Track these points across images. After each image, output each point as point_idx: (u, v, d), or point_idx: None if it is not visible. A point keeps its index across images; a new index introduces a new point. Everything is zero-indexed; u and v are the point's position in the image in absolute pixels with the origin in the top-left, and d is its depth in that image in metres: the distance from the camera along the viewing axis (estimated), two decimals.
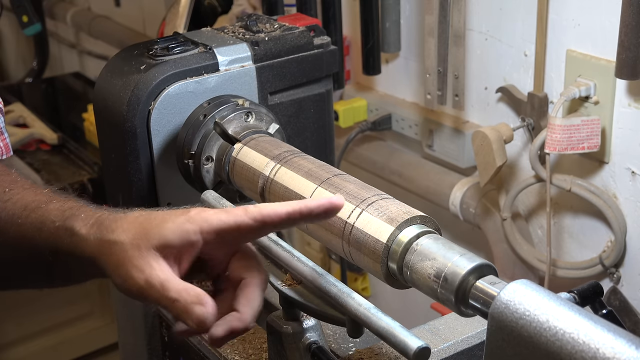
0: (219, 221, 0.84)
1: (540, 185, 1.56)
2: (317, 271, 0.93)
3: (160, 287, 0.83)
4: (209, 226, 0.84)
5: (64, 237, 0.91)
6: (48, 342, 2.41)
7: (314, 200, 0.84)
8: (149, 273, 0.84)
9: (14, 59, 3.78)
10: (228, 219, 0.83)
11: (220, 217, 0.84)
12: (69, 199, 0.97)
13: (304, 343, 0.98)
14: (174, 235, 0.84)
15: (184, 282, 0.84)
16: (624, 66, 1.29)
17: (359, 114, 1.90)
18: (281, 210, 0.83)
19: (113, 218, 0.89)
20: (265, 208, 0.84)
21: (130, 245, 0.85)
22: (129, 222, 0.88)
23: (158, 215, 0.87)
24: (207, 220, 0.84)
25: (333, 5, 1.70)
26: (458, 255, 0.83)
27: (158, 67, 1.17)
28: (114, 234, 0.87)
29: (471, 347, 1.05)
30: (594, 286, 0.85)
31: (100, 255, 0.88)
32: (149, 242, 0.84)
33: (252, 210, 0.83)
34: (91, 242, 0.88)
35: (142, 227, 0.86)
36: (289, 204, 0.84)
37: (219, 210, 0.85)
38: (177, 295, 0.82)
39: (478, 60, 1.65)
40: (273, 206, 0.84)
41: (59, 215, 0.93)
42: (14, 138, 2.37)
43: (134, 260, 0.85)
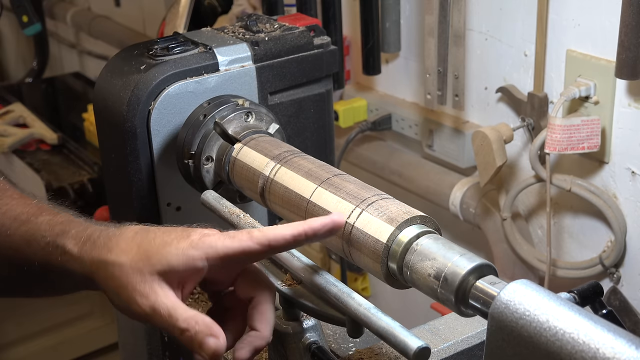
0: (224, 247, 0.83)
1: (540, 185, 1.56)
2: (317, 271, 0.93)
3: (167, 316, 0.82)
4: (215, 252, 0.83)
5: (55, 254, 0.90)
6: (48, 342, 2.41)
7: (317, 221, 0.84)
8: (154, 300, 0.83)
9: (14, 59, 3.78)
10: (233, 244, 0.83)
11: (225, 243, 0.83)
12: (58, 212, 0.95)
13: (304, 343, 0.98)
14: (179, 262, 0.83)
15: (191, 310, 0.83)
16: (624, 66, 1.29)
17: (359, 114, 1.90)
18: (286, 234, 0.83)
19: (107, 236, 0.88)
20: (270, 232, 0.84)
21: (131, 268, 0.84)
22: (126, 241, 0.86)
23: (157, 236, 0.86)
24: (213, 247, 0.83)
25: (333, 5, 1.70)
26: (458, 255, 0.83)
27: (158, 67, 1.17)
28: (111, 254, 0.85)
29: (471, 347, 1.05)
30: (594, 286, 0.85)
31: (96, 275, 0.87)
32: (152, 267, 0.83)
33: (257, 235, 0.83)
34: (85, 261, 0.87)
35: (142, 249, 0.85)
36: (293, 226, 0.84)
37: (223, 235, 0.84)
38: (186, 324, 0.82)
39: (478, 60, 1.65)
40: (278, 229, 0.84)
41: (48, 230, 0.91)
42: (14, 138, 2.37)
43: (137, 285, 0.84)
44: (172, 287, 0.85)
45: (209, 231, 0.86)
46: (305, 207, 0.99)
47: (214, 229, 0.87)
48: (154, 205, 1.22)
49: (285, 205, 1.03)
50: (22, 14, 2.69)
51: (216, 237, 0.84)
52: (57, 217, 0.94)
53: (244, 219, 1.05)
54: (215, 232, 0.85)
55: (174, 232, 0.86)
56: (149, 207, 1.22)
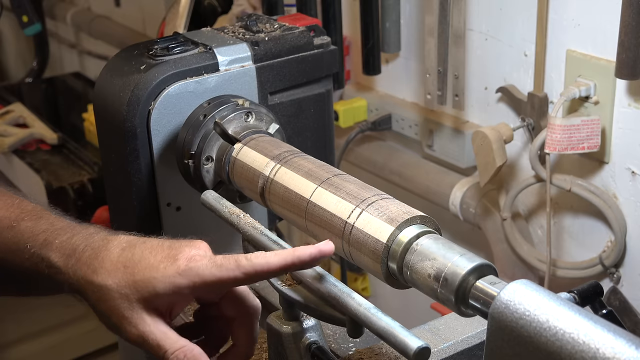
0: (211, 275, 0.83)
1: (540, 185, 1.56)
2: (317, 271, 0.93)
3: (156, 347, 0.84)
4: (201, 281, 0.84)
5: (41, 266, 0.90)
6: (48, 342, 2.41)
7: (306, 252, 0.84)
8: (142, 330, 0.84)
9: (14, 59, 3.78)
10: (220, 273, 0.83)
11: (212, 272, 0.83)
12: (40, 217, 0.95)
13: (304, 343, 0.98)
14: (165, 290, 0.84)
15: (179, 341, 0.84)
16: (624, 66, 1.29)
17: (359, 114, 1.89)
18: (273, 264, 0.84)
19: (92, 250, 0.87)
20: (257, 261, 0.84)
21: (118, 293, 0.84)
22: (111, 261, 0.86)
23: (144, 257, 0.86)
24: (199, 275, 0.83)
25: (333, 5, 1.70)
26: (458, 255, 0.83)
27: (158, 67, 1.17)
28: (97, 276, 0.85)
29: (471, 347, 1.05)
30: (594, 286, 0.85)
31: (84, 294, 0.87)
32: (139, 293, 0.84)
33: (245, 265, 0.83)
34: (71, 277, 0.87)
35: (128, 272, 0.85)
36: (281, 257, 0.84)
37: (210, 263, 0.84)
38: (175, 357, 0.83)
39: (478, 60, 1.65)
40: (265, 259, 0.84)
41: (32, 239, 0.91)
42: (14, 138, 2.37)
43: (125, 312, 0.84)
44: (159, 312, 0.85)
45: (195, 252, 0.85)
46: (305, 207, 0.99)
47: (201, 246, 0.87)
48: (154, 205, 1.22)
49: (285, 205, 1.03)
50: (22, 14, 2.69)
51: (203, 264, 0.84)
52: (39, 224, 0.93)
53: (244, 219, 1.05)
54: (202, 256, 0.85)
55: (160, 251, 0.86)
56: (149, 207, 1.22)
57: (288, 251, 0.85)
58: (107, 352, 2.44)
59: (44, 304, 2.35)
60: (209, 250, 0.87)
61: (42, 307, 2.36)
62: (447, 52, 1.62)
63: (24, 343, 2.39)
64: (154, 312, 0.85)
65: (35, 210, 0.96)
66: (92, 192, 2.16)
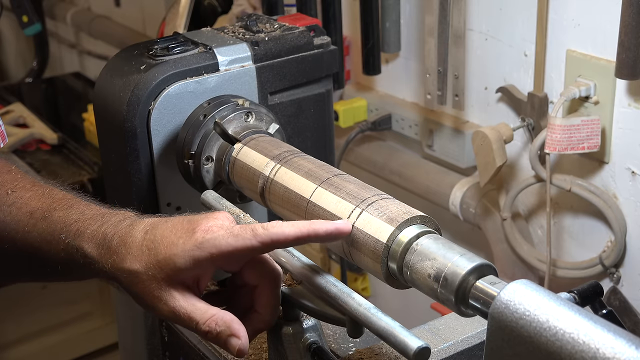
0: (227, 246, 0.86)
1: (540, 185, 1.56)
2: (317, 271, 0.93)
3: (188, 319, 0.87)
4: (219, 252, 0.86)
5: (76, 256, 0.93)
6: (48, 342, 2.41)
7: (322, 224, 0.87)
8: (172, 305, 0.87)
9: (14, 59, 3.78)
10: (237, 243, 0.86)
11: (229, 242, 0.85)
12: (71, 206, 0.97)
13: (304, 343, 0.98)
14: (186, 265, 0.86)
15: (210, 310, 0.87)
16: (624, 66, 1.29)
17: (359, 114, 1.89)
18: (290, 234, 0.86)
19: (119, 241, 0.90)
20: (274, 231, 0.86)
21: (146, 275, 0.87)
22: (137, 246, 0.89)
23: (164, 236, 0.88)
24: (216, 246, 0.85)
25: (333, 5, 1.70)
26: (458, 255, 0.83)
27: (158, 67, 1.17)
28: (126, 263, 0.88)
29: (471, 347, 1.05)
30: (594, 286, 0.85)
31: (118, 281, 0.91)
32: (163, 272, 0.87)
33: (261, 234, 0.85)
34: (105, 266, 0.90)
35: (152, 253, 0.87)
36: (298, 227, 0.86)
37: (227, 232, 0.86)
38: (207, 327, 0.86)
39: (478, 60, 1.65)
40: (282, 229, 0.86)
41: (65, 229, 0.94)
42: (14, 138, 2.37)
43: (155, 292, 0.87)
44: (187, 286, 0.88)
45: (213, 223, 0.87)
46: (305, 207, 0.99)
47: (219, 216, 0.89)
48: (154, 205, 1.22)
49: (285, 205, 1.03)
50: (22, 14, 2.69)
51: (220, 235, 0.86)
52: (71, 213, 0.96)
53: (244, 219, 1.05)
54: (219, 227, 0.87)
55: (180, 227, 0.88)
56: (149, 207, 1.22)
57: (305, 223, 0.87)
58: (107, 352, 2.44)
59: (44, 304, 2.35)
60: (227, 219, 0.89)
61: (42, 307, 2.36)
62: (447, 52, 1.62)
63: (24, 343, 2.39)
64: (181, 286, 0.87)
65: (65, 199, 0.99)
66: (92, 192, 2.16)
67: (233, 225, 0.88)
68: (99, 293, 2.42)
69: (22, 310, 2.34)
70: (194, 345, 1.18)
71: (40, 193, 1.00)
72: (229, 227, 0.87)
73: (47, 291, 2.34)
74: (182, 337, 1.20)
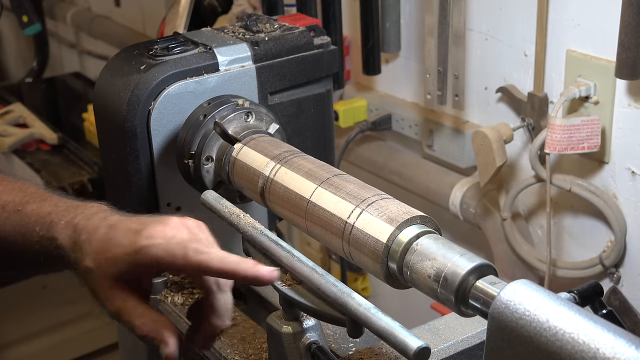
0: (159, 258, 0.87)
1: (540, 185, 1.56)
2: (317, 271, 0.93)
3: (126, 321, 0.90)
4: (152, 261, 0.87)
5: (50, 248, 0.94)
6: (48, 342, 2.41)
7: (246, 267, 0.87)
8: (117, 305, 0.90)
9: (14, 59, 3.78)
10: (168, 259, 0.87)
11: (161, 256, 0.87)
12: (44, 199, 0.99)
13: (304, 343, 0.98)
14: (125, 267, 0.88)
15: (145, 313, 0.90)
16: (624, 66, 1.29)
17: (359, 114, 1.89)
18: (214, 266, 0.87)
19: (87, 237, 0.91)
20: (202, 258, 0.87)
21: (97, 274, 0.90)
22: (96, 243, 0.90)
23: (115, 236, 0.90)
24: (151, 255, 0.87)
25: (333, 5, 1.70)
26: (458, 255, 0.83)
27: (158, 67, 1.17)
28: (84, 260, 0.91)
29: (471, 347, 1.05)
30: (594, 286, 0.85)
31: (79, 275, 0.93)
32: (109, 271, 0.89)
33: (191, 257, 0.87)
34: (73, 258, 0.92)
35: (103, 253, 0.89)
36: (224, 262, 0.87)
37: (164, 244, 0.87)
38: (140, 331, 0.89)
39: (478, 60, 1.65)
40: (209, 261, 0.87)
41: (39, 222, 0.95)
42: (14, 138, 2.37)
43: (105, 291, 0.91)
44: (132, 287, 0.90)
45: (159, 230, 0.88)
46: (305, 207, 0.99)
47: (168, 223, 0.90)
48: (154, 205, 1.22)
49: (285, 205, 1.03)
50: (22, 14, 2.69)
51: (157, 244, 0.87)
52: (44, 206, 0.97)
53: (244, 219, 1.05)
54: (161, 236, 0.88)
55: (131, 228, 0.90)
56: (149, 207, 1.22)
57: (233, 261, 0.88)
58: (107, 352, 2.44)
59: (44, 304, 2.35)
60: (176, 227, 0.90)
61: (42, 307, 2.36)
62: (447, 52, 1.62)
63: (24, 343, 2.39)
64: (126, 287, 0.90)
65: (38, 193, 1.00)
66: (92, 192, 2.16)
67: (174, 236, 0.88)
68: None
69: (22, 310, 2.34)
70: None
71: (11, 187, 1.01)
72: (171, 237, 0.88)
73: (47, 291, 2.34)
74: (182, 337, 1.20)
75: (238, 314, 1.21)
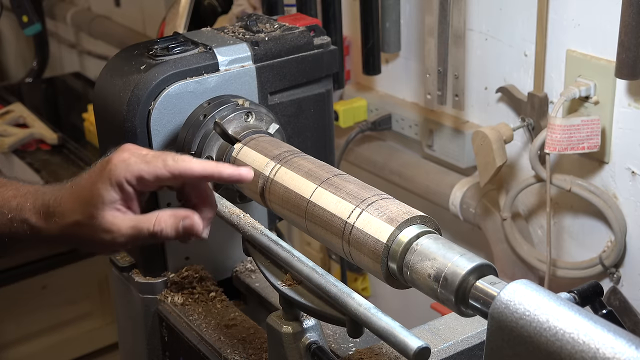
0: (139, 170, 0.95)
1: (540, 185, 1.56)
2: (317, 271, 0.93)
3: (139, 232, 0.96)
4: (131, 175, 0.95)
5: (21, 229, 0.99)
6: (48, 342, 2.41)
7: (228, 168, 0.97)
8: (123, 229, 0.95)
9: (14, 59, 3.78)
10: (148, 169, 0.95)
11: (141, 167, 0.95)
12: (3, 185, 1.03)
13: (304, 343, 0.98)
14: (108, 192, 0.95)
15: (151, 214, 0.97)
16: (624, 66, 1.29)
17: (359, 114, 1.89)
18: (195, 169, 0.96)
19: (55, 203, 0.97)
20: (182, 164, 0.95)
21: (87, 220, 0.96)
22: (69, 200, 0.96)
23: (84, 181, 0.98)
24: (129, 171, 0.95)
25: (333, 5, 1.70)
26: (458, 255, 0.83)
27: (158, 67, 1.17)
28: (66, 218, 0.96)
29: (471, 347, 1.05)
30: (594, 286, 0.85)
31: (69, 239, 0.99)
32: (97, 209, 0.95)
33: (171, 165, 0.95)
34: (52, 231, 0.97)
35: (81, 198, 0.96)
36: (204, 165, 0.96)
37: (139, 160, 0.95)
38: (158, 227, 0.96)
39: (478, 60, 1.65)
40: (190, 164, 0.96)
41: (5, 205, 1.00)
42: (14, 138, 2.37)
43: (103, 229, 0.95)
44: (123, 210, 0.97)
45: (125, 155, 0.96)
46: (305, 207, 0.99)
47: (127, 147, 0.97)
48: (154, 205, 1.22)
49: (285, 205, 1.03)
50: (22, 14, 2.69)
51: (132, 161, 0.95)
52: (6, 191, 1.02)
53: (244, 219, 1.05)
54: (130, 156, 0.96)
55: (94, 169, 0.98)
56: (149, 207, 1.21)
57: (212, 163, 0.98)
58: (107, 352, 2.44)
59: (44, 304, 2.35)
60: (137, 149, 0.97)
61: (42, 307, 2.36)
62: (447, 52, 1.62)
63: (24, 343, 2.39)
64: (119, 213, 0.96)
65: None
66: None
67: (146, 153, 0.96)
68: (99, 293, 2.42)
69: (22, 310, 2.34)
70: (194, 345, 1.18)
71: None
72: (140, 154, 0.96)
73: (47, 291, 2.34)
74: (182, 337, 1.20)
75: (238, 314, 1.22)
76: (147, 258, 1.27)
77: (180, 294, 1.25)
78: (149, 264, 1.27)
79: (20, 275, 2.26)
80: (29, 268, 2.25)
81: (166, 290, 1.27)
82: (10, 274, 2.24)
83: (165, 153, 0.97)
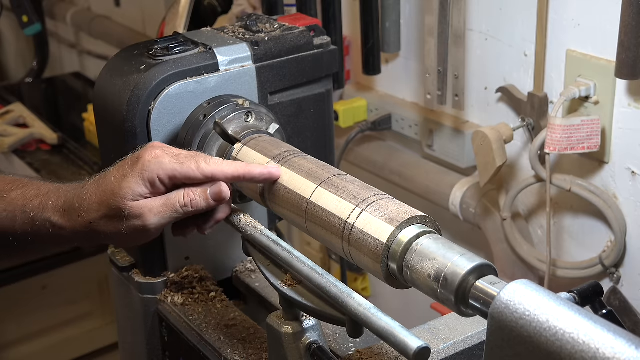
0: (172, 170, 0.98)
1: (540, 185, 1.56)
2: (317, 271, 0.93)
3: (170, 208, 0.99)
4: (164, 172, 0.98)
5: (44, 228, 1.00)
6: (48, 342, 2.41)
7: (257, 169, 1.01)
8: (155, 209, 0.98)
9: (14, 59, 3.78)
10: (181, 169, 0.99)
11: (174, 167, 0.98)
12: (25, 185, 1.04)
13: (304, 343, 0.98)
14: (138, 186, 0.98)
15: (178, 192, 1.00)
16: (624, 66, 1.29)
17: (359, 114, 1.89)
18: (227, 171, 1.00)
19: (78, 200, 0.99)
20: (215, 167, 0.99)
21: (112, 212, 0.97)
22: (95, 194, 0.98)
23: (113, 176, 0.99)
24: (162, 168, 0.98)
25: (333, 5, 1.70)
26: (458, 255, 0.83)
27: (158, 67, 1.17)
28: (92, 214, 0.98)
29: (471, 347, 1.05)
30: (594, 286, 0.85)
31: (97, 234, 1.00)
32: (124, 199, 0.97)
33: (204, 167, 0.99)
34: (77, 228, 0.99)
35: (108, 190, 0.98)
36: (235, 167, 1.00)
37: (173, 159, 0.99)
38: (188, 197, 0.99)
39: (478, 60, 1.65)
40: (222, 167, 1.00)
41: (28, 205, 1.01)
42: (14, 138, 2.37)
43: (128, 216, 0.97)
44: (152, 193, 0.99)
45: (158, 152, 0.98)
46: (305, 207, 0.99)
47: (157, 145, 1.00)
48: None
49: (285, 205, 1.03)
50: (22, 14, 2.69)
51: (165, 160, 0.98)
52: (28, 191, 1.03)
53: (244, 219, 1.05)
54: (163, 154, 0.98)
55: (124, 164, 1.00)
56: None
57: (242, 164, 1.02)
58: (107, 352, 2.44)
59: (44, 304, 2.35)
60: (168, 147, 1.01)
61: (42, 307, 2.36)
62: (447, 52, 1.62)
63: (24, 343, 2.39)
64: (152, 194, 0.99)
65: (17, 181, 1.06)
66: None
67: (179, 153, 1.00)
68: (99, 293, 2.42)
69: (22, 310, 2.34)
70: (194, 345, 1.18)
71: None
72: (173, 154, 1.00)
73: (47, 291, 2.34)
74: (182, 337, 1.20)
75: (238, 314, 1.22)
76: (147, 258, 1.27)
77: (180, 294, 1.25)
78: (149, 263, 1.27)
79: (21, 275, 2.26)
80: (29, 268, 2.25)
81: (166, 290, 1.27)
82: (11, 274, 2.24)
83: (198, 154, 1.01)
